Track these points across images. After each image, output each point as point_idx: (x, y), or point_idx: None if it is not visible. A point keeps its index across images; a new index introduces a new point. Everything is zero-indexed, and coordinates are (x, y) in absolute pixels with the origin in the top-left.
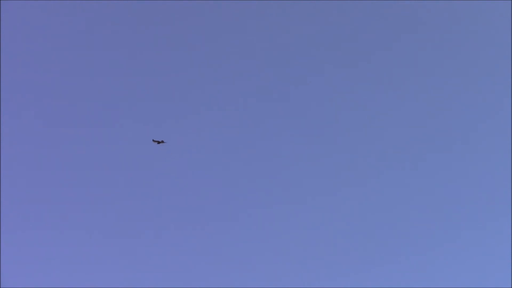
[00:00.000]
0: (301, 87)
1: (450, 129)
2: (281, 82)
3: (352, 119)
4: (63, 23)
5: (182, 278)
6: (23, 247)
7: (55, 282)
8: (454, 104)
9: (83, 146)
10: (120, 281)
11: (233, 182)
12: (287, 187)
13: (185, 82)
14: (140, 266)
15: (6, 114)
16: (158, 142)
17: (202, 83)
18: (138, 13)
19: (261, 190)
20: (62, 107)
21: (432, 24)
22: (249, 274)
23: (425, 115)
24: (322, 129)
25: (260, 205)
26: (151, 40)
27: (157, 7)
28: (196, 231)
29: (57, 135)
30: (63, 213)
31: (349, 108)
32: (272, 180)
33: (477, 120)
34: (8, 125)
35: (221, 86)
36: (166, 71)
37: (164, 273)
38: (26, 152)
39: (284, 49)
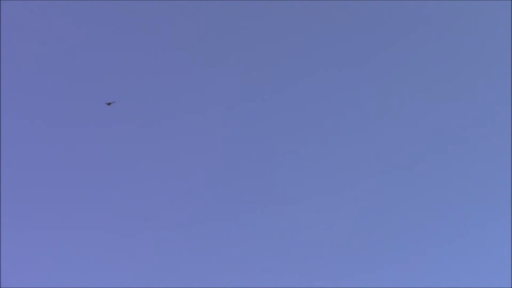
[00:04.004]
0: (301, 86)
1: (450, 129)
2: (281, 81)
3: (352, 119)
4: (63, 23)
5: (182, 278)
6: (23, 247)
7: (55, 282)
8: (454, 104)
9: (83, 146)
10: (120, 281)
11: (233, 182)
12: (287, 187)
13: (185, 82)
14: (140, 266)
15: (6, 114)
16: (109, 104)
17: (201, 83)
18: (138, 13)
19: (261, 190)
20: (62, 107)
21: (432, 24)
22: (249, 274)
23: (425, 115)
24: (322, 129)
25: (260, 205)
26: (151, 40)
27: (157, 7)
28: (196, 231)
29: (57, 135)
30: (63, 213)
31: (349, 108)
32: (272, 180)
33: (477, 120)
34: (8, 125)
35: (220, 86)
36: (166, 71)
37: (164, 273)
38: (26, 152)
39: (283, 49)
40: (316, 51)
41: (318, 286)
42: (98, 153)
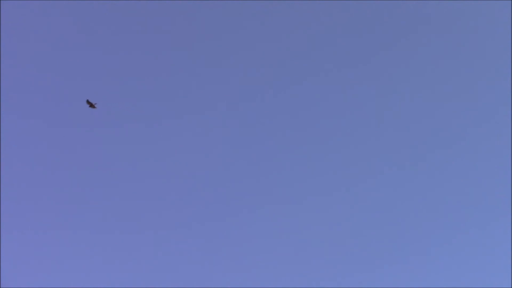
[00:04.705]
0: (301, 87)
1: (450, 129)
2: (281, 82)
3: (352, 119)
4: (63, 23)
5: (182, 278)
6: (23, 247)
7: (55, 282)
8: (453, 104)
9: (83, 146)
10: (120, 281)
11: (233, 182)
12: (287, 187)
13: (185, 82)
14: (140, 266)
15: (6, 114)
16: (91, 105)
17: (201, 83)
18: (138, 13)
19: (261, 190)
20: (62, 107)
21: (432, 24)
22: (249, 274)
23: (425, 115)
24: (322, 129)
25: (260, 205)
26: (151, 40)
27: (157, 7)
28: (196, 231)
29: (57, 135)
30: (63, 213)
31: (349, 108)
32: (272, 180)
33: (477, 120)
34: (8, 125)
35: (219, 86)
36: (166, 71)
37: (164, 273)
38: (26, 152)
39: (283, 49)
40: (316, 51)
41: (318, 286)
42: (98, 153)
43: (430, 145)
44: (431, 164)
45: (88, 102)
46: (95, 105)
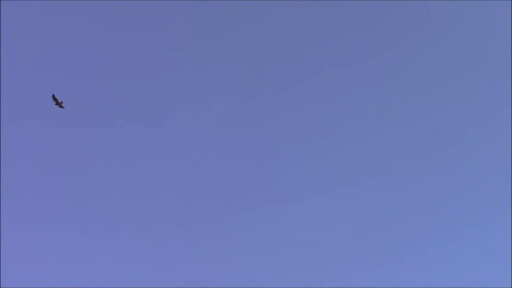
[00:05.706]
0: (301, 86)
1: (450, 129)
2: (281, 81)
3: (352, 119)
4: (63, 23)
5: (182, 278)
6: (23, 247)
7: (55, 282)
8: (453, 104)
9: (83, 146)
10: (120, 281)
11: (233, 182)
12: (287, 187)
13: (185, 82)
14: (140, 266)
15: (6, 114)
16: (57, 103)
17: (201, 83)
18: (138, 13)
19: (261, 190)
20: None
21: (432, 24)
22: (249, 274)
23: (425, 115)
24: (322, 129)
25: (259, 205)
26: (150, 40)
27: (157, 7)
28: (196, 231)
29: (57, 135)
30: (63, 213)
31: (349, 108)
32: (271, 180)
33: (477, 120)
34: (8, 125)
35: (219, 86)
36: (166, 70)
37: (164, 273)
38: (26, 152)
39: (283, 49)
40: (316, 51)
41: (318, 286)
42: (98, 153)
43: (430, 145)
44: (431, 164)
45: (54, 99)
46: (62, 104)
